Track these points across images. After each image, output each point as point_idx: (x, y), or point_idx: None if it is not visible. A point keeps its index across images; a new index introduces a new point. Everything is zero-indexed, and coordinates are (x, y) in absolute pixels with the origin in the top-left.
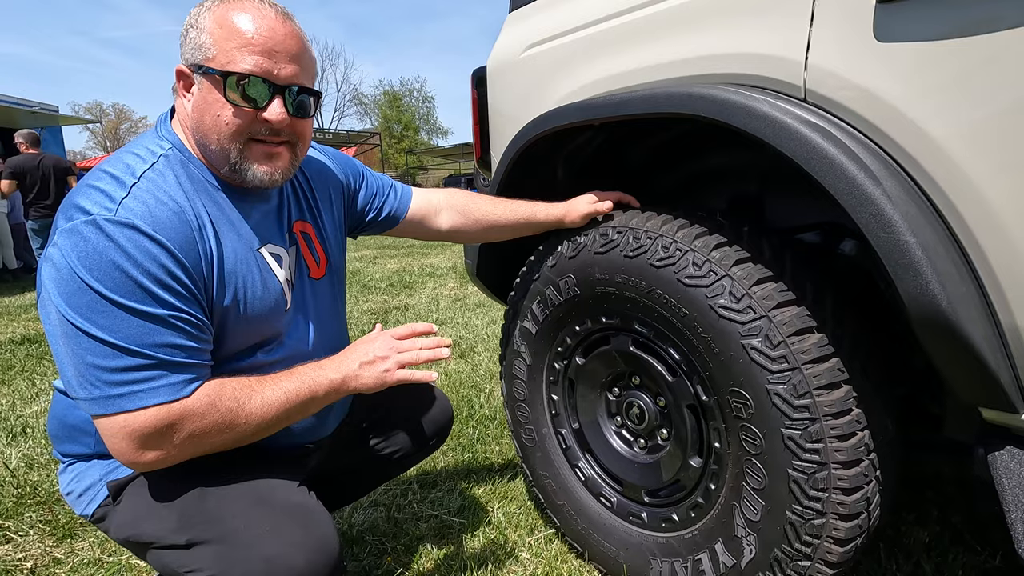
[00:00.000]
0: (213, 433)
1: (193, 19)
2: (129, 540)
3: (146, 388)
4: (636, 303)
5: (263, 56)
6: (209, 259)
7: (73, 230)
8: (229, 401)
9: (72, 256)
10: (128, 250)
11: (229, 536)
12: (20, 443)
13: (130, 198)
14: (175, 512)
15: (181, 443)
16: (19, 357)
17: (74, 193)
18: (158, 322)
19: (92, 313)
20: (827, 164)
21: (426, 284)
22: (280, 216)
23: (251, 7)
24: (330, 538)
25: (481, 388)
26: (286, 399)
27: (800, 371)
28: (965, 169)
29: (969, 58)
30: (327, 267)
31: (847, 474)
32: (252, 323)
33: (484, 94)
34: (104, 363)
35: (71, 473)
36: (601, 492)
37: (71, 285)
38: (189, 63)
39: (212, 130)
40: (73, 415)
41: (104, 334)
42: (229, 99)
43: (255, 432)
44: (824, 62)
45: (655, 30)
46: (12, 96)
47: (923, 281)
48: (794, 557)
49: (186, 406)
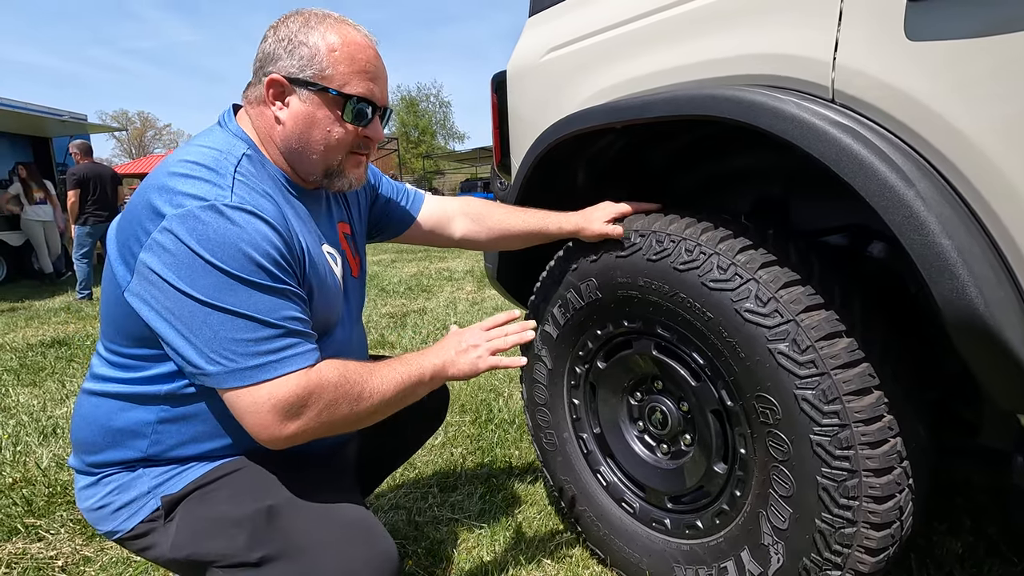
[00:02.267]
0: (344, 404)
1: (293, 33)
2: (189, 559)
3: (283, 357)
4: (659, 307)
5: (372, 82)
6: (300, 250)
7: (189, 214)
8: (355, 375)
9: (191, 240)
10: (248, 231)
11: (300, 553)
12: (51, 443)
13: (236, 187)
14: (244, 530)
15: (318, 413)
16: (49, 359)
17: (169, 183)
18: (281, 295)
19: (219, 292)
20: (858, 166)
21: (444, 288)
22: (331, 217)
23: (355, 33)
24: (392, 552)
25: (500, 392)
26: (401, 380)
27: (829, 376)
28: (1002, 169)
29: (1003, 55)
30: (359, 267)
31: (879, 482)
32: (324, 314)
33: (504, 98)
34: (240, 336)
35: (108, 485)
36: (623, 498)
37: (193, 267)
38: (294, 77)
39: (319, 142)
40: (122, 418)
41: (234, 307)
42: (345, 118)
43: (376, 409)
44: (853, 62)
45: (677, 32)
46: (43, 105)
47: (959, 285)
48: (823, 567)
49: (321, 376)
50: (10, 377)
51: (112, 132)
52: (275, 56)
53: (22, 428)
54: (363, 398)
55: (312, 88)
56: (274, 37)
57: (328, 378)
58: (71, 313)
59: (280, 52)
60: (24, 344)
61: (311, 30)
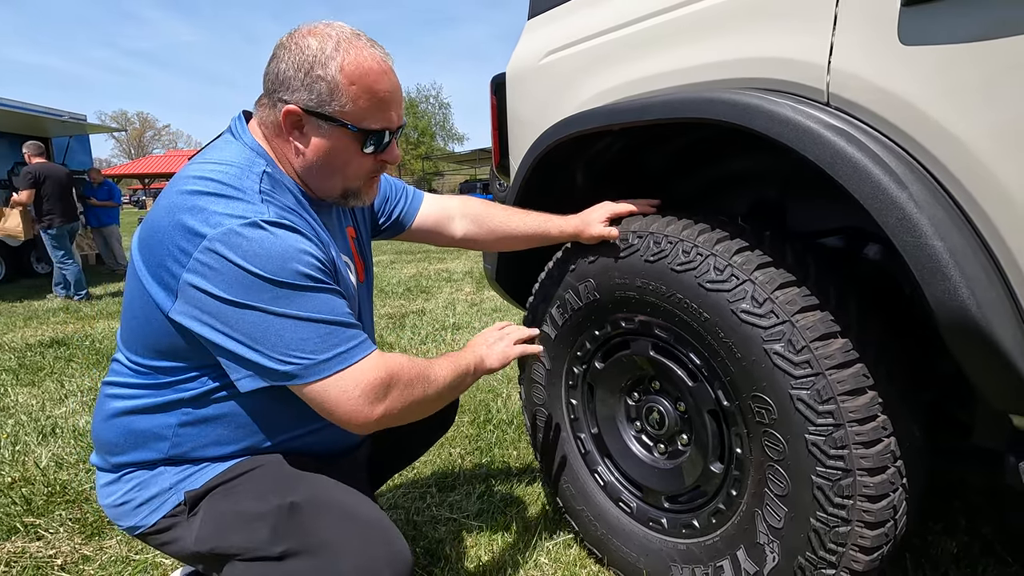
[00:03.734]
0: (419, 385)
1: (309, 61)
2: (212, 552)
3: (355, 344)
4: (656, 307)
5: (391, 110)
6: (330, 258)
7: (231, 232)
8: (417, 361)
9: (237, 258)
10: (291, 243)
11: (322, 549)
12: (50, 443)
13: (266, 205)
14: (267, 524)
15: (401, 393)
16: (48, 359)
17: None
18: (334, 293)
19: (276, 301)
20: (852, 168)
21: (442, 289)
22: (340, 224)
23: (372, 59)
24: (408, 553)
25: (498, 392)
26: (454, 371)
27: (824, 376)
28: (993, 171)
29: (997, 60)
30: (364, 271)
31: (873, 481)
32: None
33: (503, 100)
34: (308, 335)
35: (130, 482)
36: (620, 497)
37: (245, 283)
38: (312, 109)
39: (339, 171)
40: (143, 421)
41: (299, 312)
42: (364, 151)
43: (441, 394)
44: (847, 65)
45: (674, 36)
46: (43, 106)
47: (951, 286)
48: (818, 565)
49: (394, 358)
50: (9, 377)
51: (111, 132)
52: (291, 85)
53: (21, 428)
54: (432, 381)
55: (332, 123)
56: (289, 60)
57: (400, 361)
58: (70, 313)
59: (296, 82)
60: (23, 344)
61: (329, 60)
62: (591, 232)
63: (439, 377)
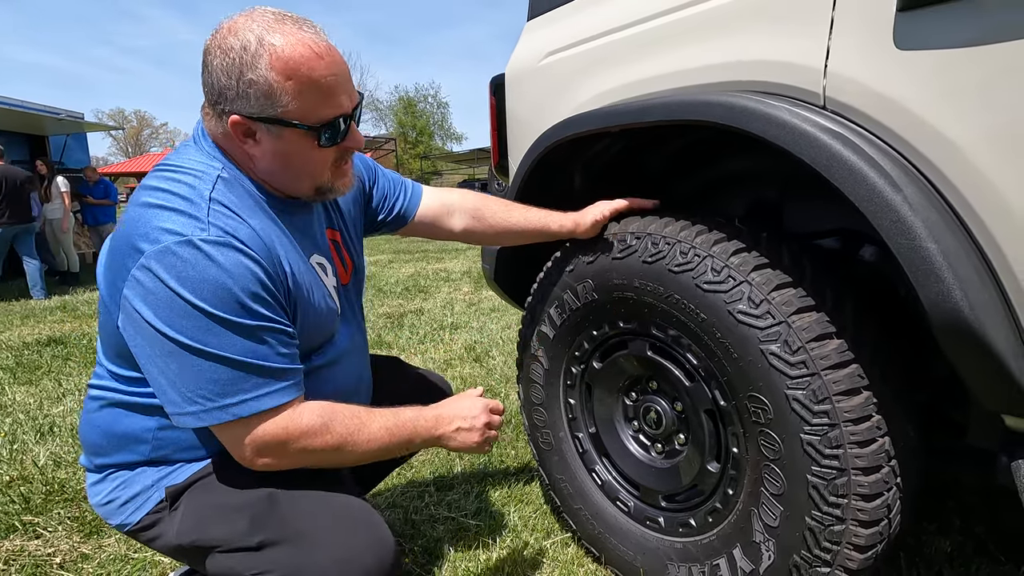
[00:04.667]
0: (321, 452)
1: (235, 66)
2: (194, 545)
3: (258, 395)
4: (654, 308)
5: (339, 94)
6: (283, 272)
7: (167, 251)
8: (341, 428)
9: (169, 278)
10: (228, 267)
11: (300, 538)
12: (48, 441)
13: (213, 216)
14: (245, 515)
15: (293, 455)
16: (45, 358)
17: (146, 217)
18: (262, 332)
19: (199, 332)
20: (847, 171)
21: (440, 288)
22: (319, 226)
23: (305, 47)
24: (390, 539)
25: (496, 392)
26: (388, 438)
27: (819, 376)
28: (986, 175)
29: (990, 65)
30: (352, 272)
31: (867, 480)
32: (315, 329)
33: (502, 101)
34: (218, 376)
35: (114, 481)
36: (618, 496)
37: (173, 307)
38: (256, 116)
39: (302, 171)
40: (124, 424)
41: (215, 350)
42: (322, 145)
43: (356, 459)
44: (843, 69)
45: (673, 38)
46: (41, 104)
47: (944, 287)
48: (813, 563)
49: (300, 420)
50: (6, 375)
51: (109, 131)
52: (227, 95)
53: (19, 426)
54: (343, 450)
55: (280, 125)
56: (218, 68)
57: (309, 423)
58: (67, 312)
59: (231, 91)
60: (20, 342)
61: (255, 60)
62: (585, 227)
63: (361, 446)
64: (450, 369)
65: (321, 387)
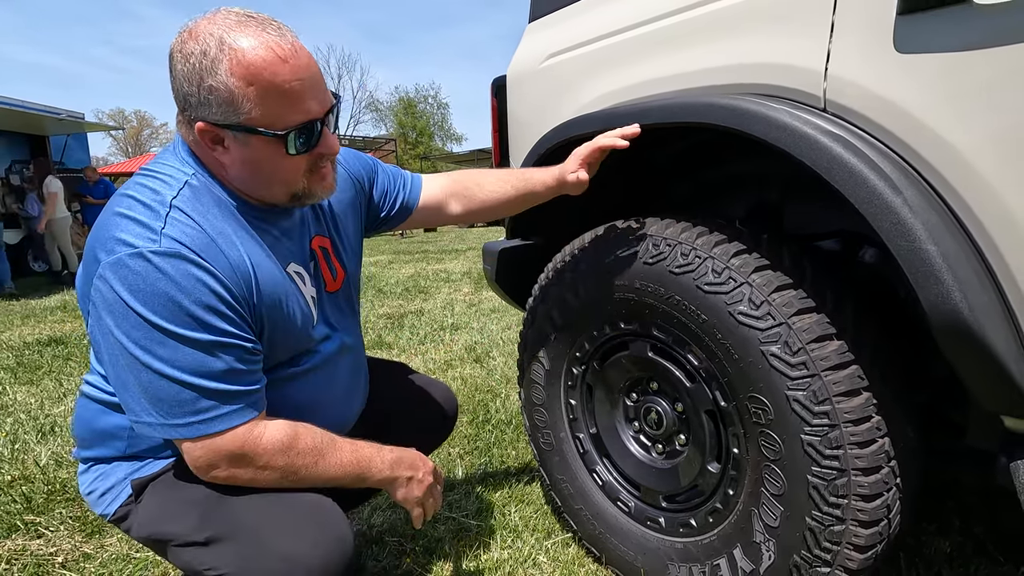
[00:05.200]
0: (274, 473)
1: (196, 72)
2: (151, 538)
3: (210, 417)
4: (655, 309)
5: (303, 99)
6: (248, 282)
7: (119, 263)
8: (297, 458)
9: (122, 290)
10: (178, 280)
11: (247, 534)
12: (49, 441)
13: (169, 227)
14: (196, 510)
15: (244, 473)
16: (46, 358)
17: (109, 225)
18: (215, 348)
19: (151, 344)
20: (848, 174)
21: (440, 289)
22: (301, 233)
23: (267, 50)
24: (344, 536)
25: (497, 393)
26: (343, 473)
27: (820, 377)
28: (985, 177)
29: (989, 69)
30: (343, 280)
31: (867, 480)
32: (288, 341)
33: (504, 102)
34: (168, 395)
35: (94, 473)
36: (618, 497)
37: (128, 319)
38: (219, 123)
39: (273, 178)
40: (103, 421)
41: (165, 367)
42: (290, 152)
43: (307, 485)
44: (844, 73)
45: (675, 41)
46: (41, 104)
47: (944, 289)
48: (813, 563)
49: (258, 442)
50: (7, 375)
51: (109, 131)
52: (191, 101)
53: (20, 426)
54: (295, 476)
55: (247, 132)
56: (180, 74)
57: (267, 445)
58: (67, 311)
59: (194, 98)
60: (20, 342)
61: (215, 65)
62: (568, 179)
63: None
64: (450, 370)
65: (302, 395)
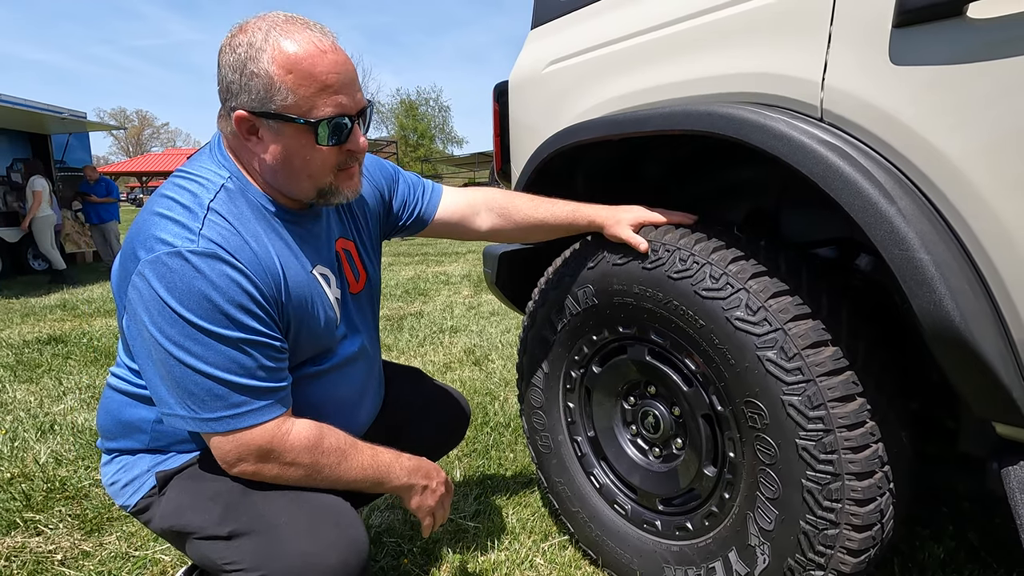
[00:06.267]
0: (296, 473)
1: (242, 60)
2: (172, 529)
3: (240, 412)
4: (653, 314)
5: (338, 93)
6: (278, 283)
7: (158, 261)
8: (322, 456)
9: (159, 287)
10: (213, 279)
11: (269, 531)
12: (49, 439)
13: (206, 228)
14: (219, 504)
15: (269, 469)
16: (46, 356)
17: (149, 223)
18: (246, 345)
19: (185, 340)
20: (843, 183)
21: (440, 291)
22: (327, 236)
23: (306, 42)
24: (361, 538)
25: (496, 395)
26: (363, 476)
27: (815, 383)
28: (978, 188)
29: (982, 81)
30: (366, 281)
31: (861, 485)
32: (311, 340)
33: (505, 107)
34: (201, 390)
35: (117, 464)
36: (615, 499)
37: (164, 315)
38: (257, 110)
39: (302, 171)
40: (128, 413)
41: (198, 362)
42: (320, 143)
43: (328, 485)
44: (840, 83)
45: (674, 50)
46: (43, 103)
47: (937, 297)
48: (807, 567)
49: (285, 439)
50: (7, 373)
51: (110, 131)
52: (233, 90)
53: (19, 424)
54: (317, 477)
55: (280, 120)
56: (226, 65)
57: (293, 443)
58: (67, 310)
59: (236, 86)
60: (20, 341)
61: (259, 53)
62: (616, 232)
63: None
64: (449, 372)
65: (318, 395)
